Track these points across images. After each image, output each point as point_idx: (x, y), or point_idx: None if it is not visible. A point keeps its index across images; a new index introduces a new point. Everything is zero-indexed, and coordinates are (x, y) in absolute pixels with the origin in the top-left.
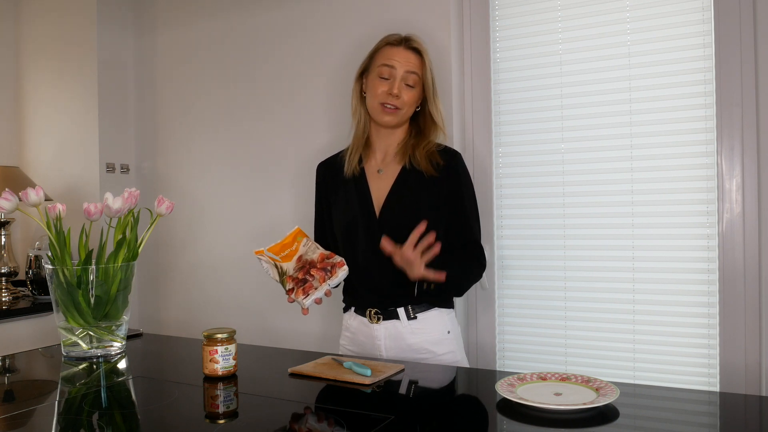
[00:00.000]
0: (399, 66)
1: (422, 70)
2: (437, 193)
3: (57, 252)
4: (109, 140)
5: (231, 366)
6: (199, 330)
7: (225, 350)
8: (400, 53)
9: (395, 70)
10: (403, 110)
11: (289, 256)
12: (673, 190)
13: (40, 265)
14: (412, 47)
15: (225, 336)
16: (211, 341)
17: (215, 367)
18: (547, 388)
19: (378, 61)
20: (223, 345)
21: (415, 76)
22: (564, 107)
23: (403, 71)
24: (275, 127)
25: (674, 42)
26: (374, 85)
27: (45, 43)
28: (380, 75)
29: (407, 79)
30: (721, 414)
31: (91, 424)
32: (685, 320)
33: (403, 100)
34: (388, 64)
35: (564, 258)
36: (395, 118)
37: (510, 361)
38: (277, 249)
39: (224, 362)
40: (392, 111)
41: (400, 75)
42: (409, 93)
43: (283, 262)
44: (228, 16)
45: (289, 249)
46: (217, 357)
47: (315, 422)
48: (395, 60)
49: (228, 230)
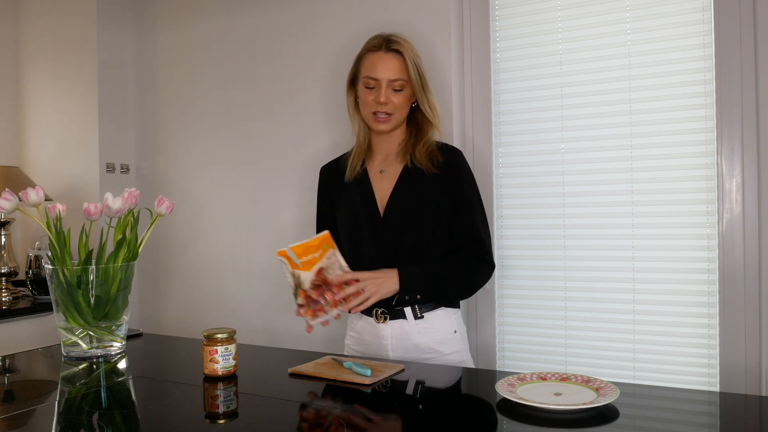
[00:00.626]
0: (382, 77)
1: (405, 72)
2: (438, 190)
3: (57, 252)
4: (109, 140)
5: (231, 366)
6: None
7: (225, 350)
8: (381, 61)
9: (379, 81)
10: (395, 114)
11: (310, 264)
12: (673, 190)
13: (40, 265)
14: (393, 50)
15: (225, 336)
16: (211, 341)
17: (215, 367)
18: (547, 388)
19: (362, 71)
20: (223, 345)
21: (401, 80)
22: (564, 107)
23: (387, 80)
24: (275, 127)
25: (674, 42)
26: (363, 95)
27: (45, 43)
28: (366, 85)
29: (393, 85)
30: (721, 414)
31: (91, 424)
32: (685, 320)
33: (393, 105)
34: (371, 77)
35: (564, 258)
36: (388, 125)
37: (510, 361)
38: (300, 250)
39: (224, 362)
40: (384, 119)
41: (385, 83)
42: (399, 96)
43: (302, 270)
44: (228, 16)
45: (312, 255)
46: (217, 357)
47: (315, 422)
48: (377, 70)
49: (228, 230)
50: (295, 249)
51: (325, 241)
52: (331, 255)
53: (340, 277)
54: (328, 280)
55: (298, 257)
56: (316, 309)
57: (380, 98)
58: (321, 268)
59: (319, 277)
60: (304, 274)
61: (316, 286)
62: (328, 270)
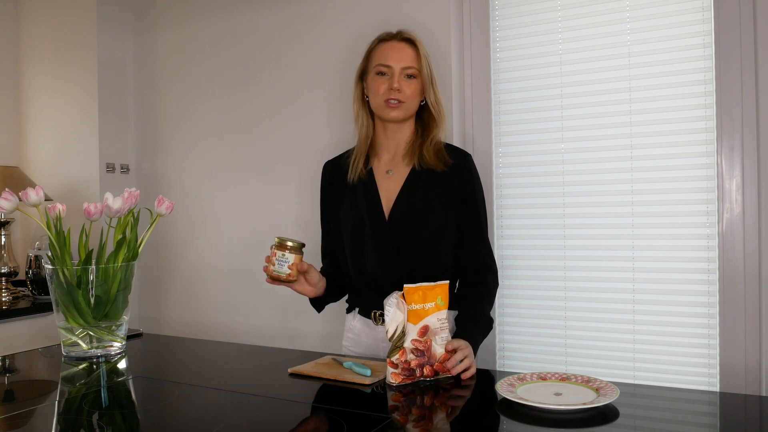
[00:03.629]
0: (395, 63)
1: (418, 62)
2: (448, 193)
3: (57, 252)
4: (109, 140)
5: (283, 273)
6: (199, 330)
7: (282, 256)
8: (393, 48)
9: (392, 68)
10: (408, 103)
11: (419, 317)
12: (674, 190)
13: (40, 265)
14: (405, 38)
15: (288, 243)
16: (276, 245)
17: (268, 267)
18: (547, 388)
19: (374, 61)
20: (282, 251)
21: (413, 68)
22: (564, 107)
23: (400, 68)
24: (275, 127)
25: (674, 42)
26: (375, 84)
27: (45, 43)
28: (378, 72)
29: (406, 72)
30: (721, 414)
31: (91, 424)
32: (685, 320)
33: (405, 93)
34: (384, 64)
35: (564, 258)
36: (401, 112)
37: (510, 361)
38: (417, 296)
39: (278, 266)
40: (397, 105)
41: (398, 70)
42: (411, 84)
43: (409, 321)
44: (228, 16)
45: (425, 304)
46: (274, 259)
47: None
48: (390, 58)
49: (228, 230)
50: (413, 291)
51: (441, 294)
52: (441, 315)
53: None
54: (432, 351)
55: (415, 300)
56: (409, 377)
57: (393, 84)
58: (426, 326)
59: (422, 339)
60: (409, 326)
61: (419, 354)
62: (432, 332)
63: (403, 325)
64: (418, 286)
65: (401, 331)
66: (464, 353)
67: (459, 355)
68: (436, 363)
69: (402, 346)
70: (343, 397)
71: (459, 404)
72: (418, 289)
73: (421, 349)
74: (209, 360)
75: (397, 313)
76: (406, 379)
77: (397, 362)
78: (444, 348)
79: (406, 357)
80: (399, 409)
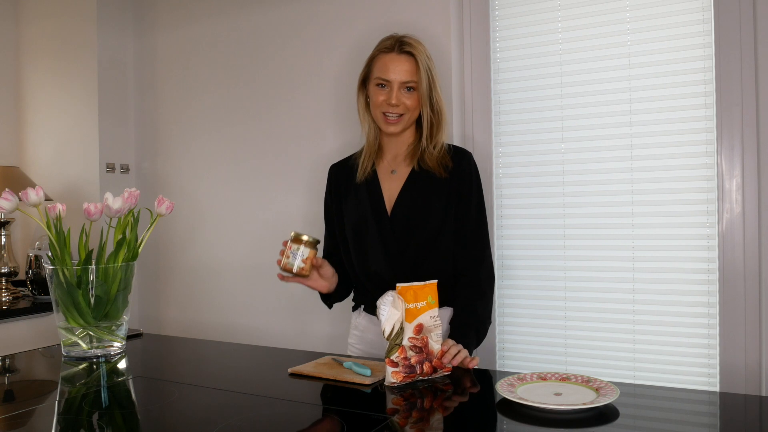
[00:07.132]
0: (393, 78)
1: (417, 75)
2: (448, 194)
3: (57, 252)
4: (109, 140)
5: (297, 266)
6: (199, 330)
7: (297, 249)
8: (393, 63)
9: (391, 83)
10: (406, 115)
11: (412, 315)
12: (674, 190)
13: (40, 265)
14: (405, 51)
15: (303, 238)
16: (292, 238)
17: (282, 260)
18: (547, 388)
19: (374, 72)
20: (297, 244)
21: (413, 82)
22: (564, 107)
23: (399, 82)
24: (275, 127)
25: (674, 42)
26: (375, 95)
27: (45, 44)
28: (378, 84)
29: (405, 86)
30: (721, 414)
31: (91, 424)
32: (685, 320)
33: (405, 106)
34: (383, 78)
35: (564, 258)
36: (398, 127)
37: (510, 361)
38: (410, 295)
39: (292, 259)
40: (394, 121)
41: (397, 84)
42: (411, 96)
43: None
44: (228, 16)
45: (417, 303)
46: (289, 252)
47: (315, 422)
48: (389, 72)
49: (228, 230)
50: (406, 290)
51: (431, 293)
52: (434, 314)
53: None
54: (430, 347)
55: (408, 299)
56: (410, 375)
57: (391, 100)
58: (421, 324)
59: (419, 336)
60: (406, 325)
61: (417, 350)
62: (427, 330)
63: (400, 322)
64: (409, 285)
65: (399, 329)
66: (458, 348)
67: (453, 350)
68: (434, 359)
69: (401, 344)
70: (343, 397)
71: (459, 404)
72: (410, 289)
73: (419, 346)
74: (209, 360)
75: (393, 311)
76: (407, 377)
77: (397, 360)
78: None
79: (406, 354)
80: (399, 409)
